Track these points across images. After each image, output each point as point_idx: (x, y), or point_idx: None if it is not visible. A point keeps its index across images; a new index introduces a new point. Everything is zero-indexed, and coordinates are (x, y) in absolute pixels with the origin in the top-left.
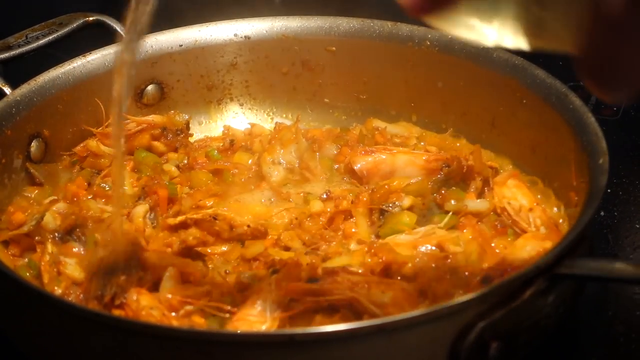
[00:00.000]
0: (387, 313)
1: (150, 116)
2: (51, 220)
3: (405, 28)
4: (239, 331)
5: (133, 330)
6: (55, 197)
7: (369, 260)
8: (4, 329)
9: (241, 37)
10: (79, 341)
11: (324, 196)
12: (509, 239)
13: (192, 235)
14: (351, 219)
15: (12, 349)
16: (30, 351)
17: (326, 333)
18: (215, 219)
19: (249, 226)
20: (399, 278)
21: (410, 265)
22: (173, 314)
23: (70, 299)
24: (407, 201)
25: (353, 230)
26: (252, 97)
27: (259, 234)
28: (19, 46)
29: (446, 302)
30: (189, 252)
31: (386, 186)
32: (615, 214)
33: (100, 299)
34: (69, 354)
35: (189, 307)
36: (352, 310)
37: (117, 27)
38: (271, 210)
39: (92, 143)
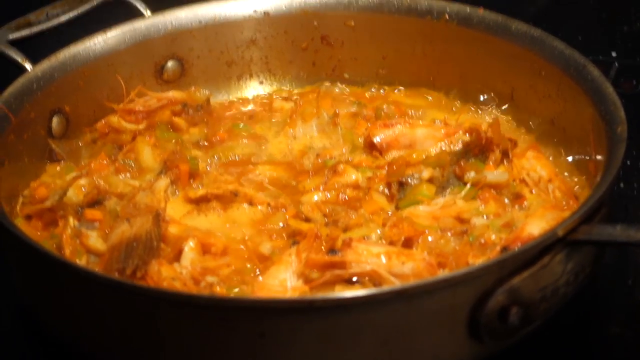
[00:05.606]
0: None
1: (171, 92)
2: (74, 194)
3: (423, 2)
4: (258, 297)
5: (154, 298)
6: (78, 173)
7: (389, 231)
8: (28, 302)
9: (260, 13)
10: (102, 311)
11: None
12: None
13: (212, 208)
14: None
15: (36, 321)
16: (54, 323)
17: (345, 299)
18: (235, 194)
19: (269, 204)
20: (418, 249)
21: (430, 236)
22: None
23: None
24: (426, 173)
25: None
26: (272, 73)
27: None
28: (40, 23)
29: (465, 268)
30: None
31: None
32: (635, 185)
33: (122, 272)
34: (91, 324)
35: (210, 278)
36: (372, 282)
37: (137, 3)
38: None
39: (114, 119)
